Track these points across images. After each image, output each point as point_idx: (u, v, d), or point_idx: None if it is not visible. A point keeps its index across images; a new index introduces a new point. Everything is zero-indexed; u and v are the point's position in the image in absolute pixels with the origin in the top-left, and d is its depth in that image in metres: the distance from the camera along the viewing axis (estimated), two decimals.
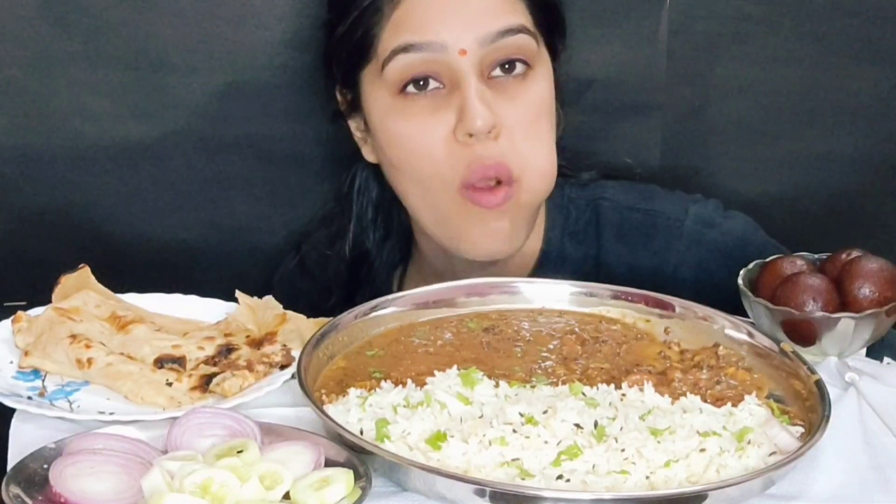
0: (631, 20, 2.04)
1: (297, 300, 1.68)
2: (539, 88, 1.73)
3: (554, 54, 1.80)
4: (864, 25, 2.06)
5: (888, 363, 1.55)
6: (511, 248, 1.75)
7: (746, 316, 1.57)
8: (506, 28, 1.69)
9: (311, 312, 1.59)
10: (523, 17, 1.72)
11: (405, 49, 1.68)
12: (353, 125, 1.82)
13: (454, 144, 1.68)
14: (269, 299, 1.60)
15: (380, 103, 1.74)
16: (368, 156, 1.82)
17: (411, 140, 1.71)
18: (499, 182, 1.69)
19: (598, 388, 1.41)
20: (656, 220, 1.85)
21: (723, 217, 1.86)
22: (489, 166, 1.68)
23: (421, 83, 1.69)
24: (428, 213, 1.76)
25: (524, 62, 1.71)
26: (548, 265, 1.86)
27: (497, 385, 1.40)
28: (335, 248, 1.93)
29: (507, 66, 1.70)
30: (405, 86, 1.70)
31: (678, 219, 1.85)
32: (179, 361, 1.48)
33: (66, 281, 1.58)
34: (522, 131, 1.70)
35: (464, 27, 1.68)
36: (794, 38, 2.06)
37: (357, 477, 1.23)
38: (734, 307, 1.58)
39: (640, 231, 1.86)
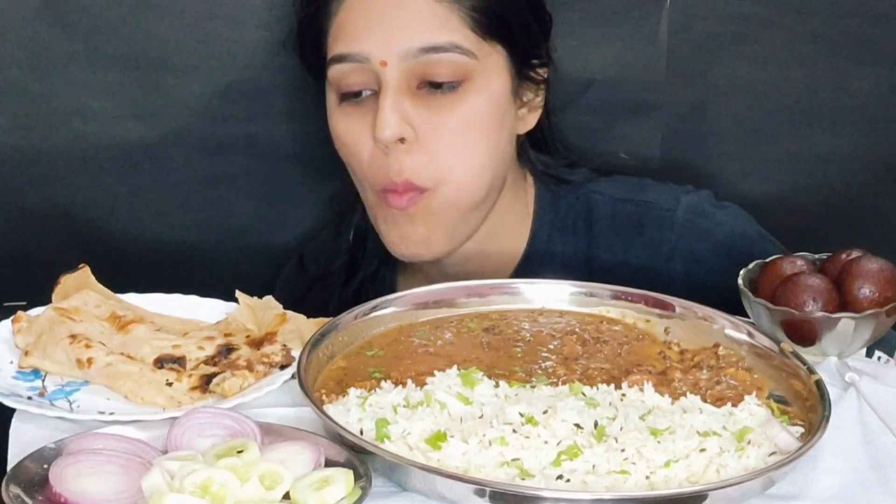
0: (631, 20, 2.04)
1: (299, 303, 1.68)
2: (472, 102, 1.74)
3: (525, 60, 1.79)
4: (864, 25, 2.06)
5: (879, 357, 1.55)
6: (430, 252, 1.78)
7: (746, 316, 1.57)
8: (430, 45, 1.71)
9: (307, 301, 1.60)
10: (457, 35, 1.72)
11: (338, 60, 1.74)
12: None
13: (375, 150, 1.73)
14: (269, 299, 1.60)
15: (329, 99, 1.80)
16: None
17: (346, 140, 1.77)
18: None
19: (598, 388, 1.41)
20: (648, 211, 1.86)
21: (715, 207, 1.87)
22: (398, 183, 1.73)
23: (355, 94, 1.75)
24: (365, 204, 1.82)
25: (452, 82, 1.72)
26: (535, 259, 1.87)
27: (497, 385, 1.40)
28: (340, 232, 1.96)
29: (433, 84, 1.72)
30: (342, 94, 1.76)
31: (670, 209, 1.85)
32: (179, 361, 1.48)
33: (66, 281, 1.58)
34: (446, 143, 1.73)
35: (387, 40, 1.71)
36: (794, 38, 2.06)
37: (357, 477, 1.23)
38: (728, 299, 1.58)
39: (632, 222, 1.86)
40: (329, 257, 1.98)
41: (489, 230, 1.84)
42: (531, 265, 1.86)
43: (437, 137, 1.72)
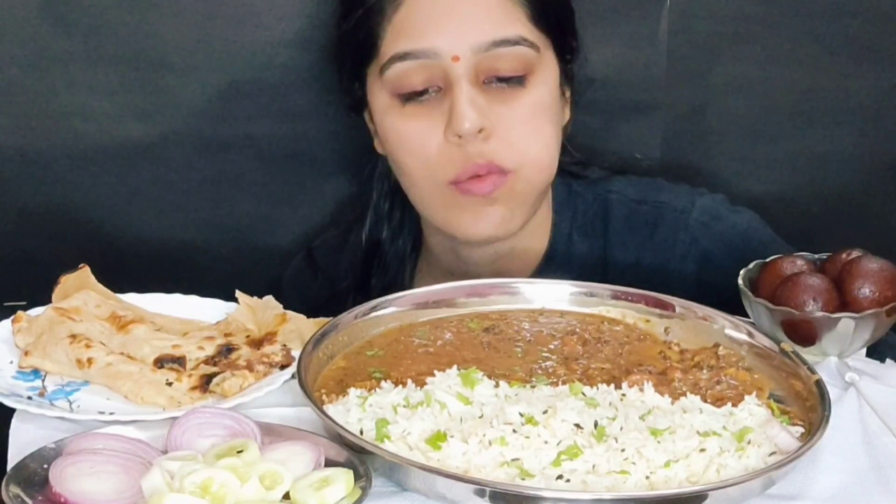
0: (631, 20, 2.04)
1: (307, 300, 1.68)
2: (537, 94, 1.74)
3: (563, 56, 1.80)
4: (864, 25, 2.06)
5: (890, 364, 1.55)
6: (506, 230, 1.77)
7: (746, 316, 1.57)
8: (501, 39, 1.71)
9: (320, 311, 1.59)
10: (522, 28, 1.72)
11: (402, 57, 1.72)
12: (367, 117, 1.85)
13: (446, 145, 1.72)
14: (269, 299, 1.60)
15: (380, 102, 1.77)
16: (378, 147, 1.85)
17: (407, 140, 1.75)
18: (488, 172, 1.72)
19: (598, 388, 1.41)
20: (663, 212, 1.87)
21: (729, 211, 1.87)
22: (481, 165, 1.72)
23: (418, 93, 1.72)
24: (422, 205, 1.80)
25: (519, 76, 1.72)
26: (556, 259, 1.87)
27: (497, 385, 1.40)
28: (350, 239, 1.95)
29: (501, 78, 1.72)
30: (403, 95, 1.73)
31: (685, 210, 1.86)
32: (179, 361, 1.48)
33: (66, 281, 1.58)
34: (518, 132, 1.73)
35: (458, 34, 1.70)
36: (794, 38, 2.06)
37: (357, 477, 1.23)
38: (731, 300, 1.57)
39: (648, 222, 1.87)
40: (340, 267, 1.97)
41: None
42: (552, 264, 1.86)
43: (511, 127, 1.72)
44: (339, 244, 1.99)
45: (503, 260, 1.85)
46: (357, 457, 1.27)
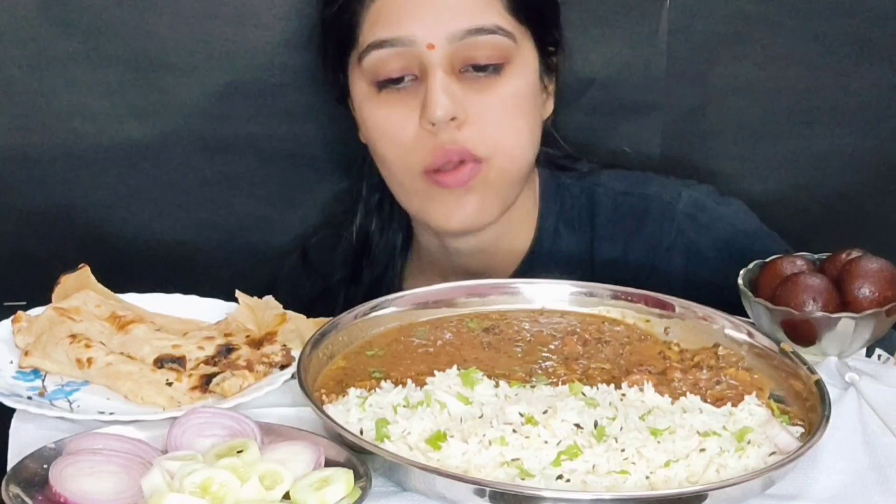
0: (631, 20, 2.04)
1: (301, 299, 1.68)
2: (514, 84, 1.75)
3: (544, 48, 1.81)
4: (864, 25, 2.06)
5: (879, 356, 1.55)
6: (481, 221, 1.78)
7: (746, 315, 1.57)
8: (476, 27, 1.72)
9: (314, 310, 1.60)
10: (498, 17, 1.73)
11: (379, 45, 1.73)
12: (350, 107, 1.85)
13: (421, 133, 1.73)
14: (269, 299, 1.60)
15: (359, 89, 1.79)
16: (361, 137, 1.86)
17: (383, 127, 1.77)
18: (462, 162, 1.73)
19: (597, 388, 1.41)
20: (650, 204, 1.87)
21: (716, 202, 1.87)
22: (452, 151, 1.73)
23: (394, 81, 1.74)
24: (399, 192, 1.82)
25: (495, 64, 1.73)
26: (542, 252, 1.87)
27: (497, 385, 1.40)
28: (342, 236, 1.95)
29: (477, 67, 1.73)
30: (380, 82, 1.75)
31: (671, 202, 1.86)
32: (179, 361, 1.48)
33: (66, 281, 1.58)
34: (493, 121, 1.74)
35: (434, 23, 1.71)
36: (794, 38, 2.06)
37: (357, 477, 1.23)
38: (726, 295, 1.58)
39: (634, 215, 1.87)
40: (334, 265, 1.97)
41: (503, 219, 1.84)
42: (539, 257, 1.87)
43: (485, 115, 1.73)
44: (334, 243, 1.99)
45: (489, 252, 1.85)
46: (357, 457, 1.27)
